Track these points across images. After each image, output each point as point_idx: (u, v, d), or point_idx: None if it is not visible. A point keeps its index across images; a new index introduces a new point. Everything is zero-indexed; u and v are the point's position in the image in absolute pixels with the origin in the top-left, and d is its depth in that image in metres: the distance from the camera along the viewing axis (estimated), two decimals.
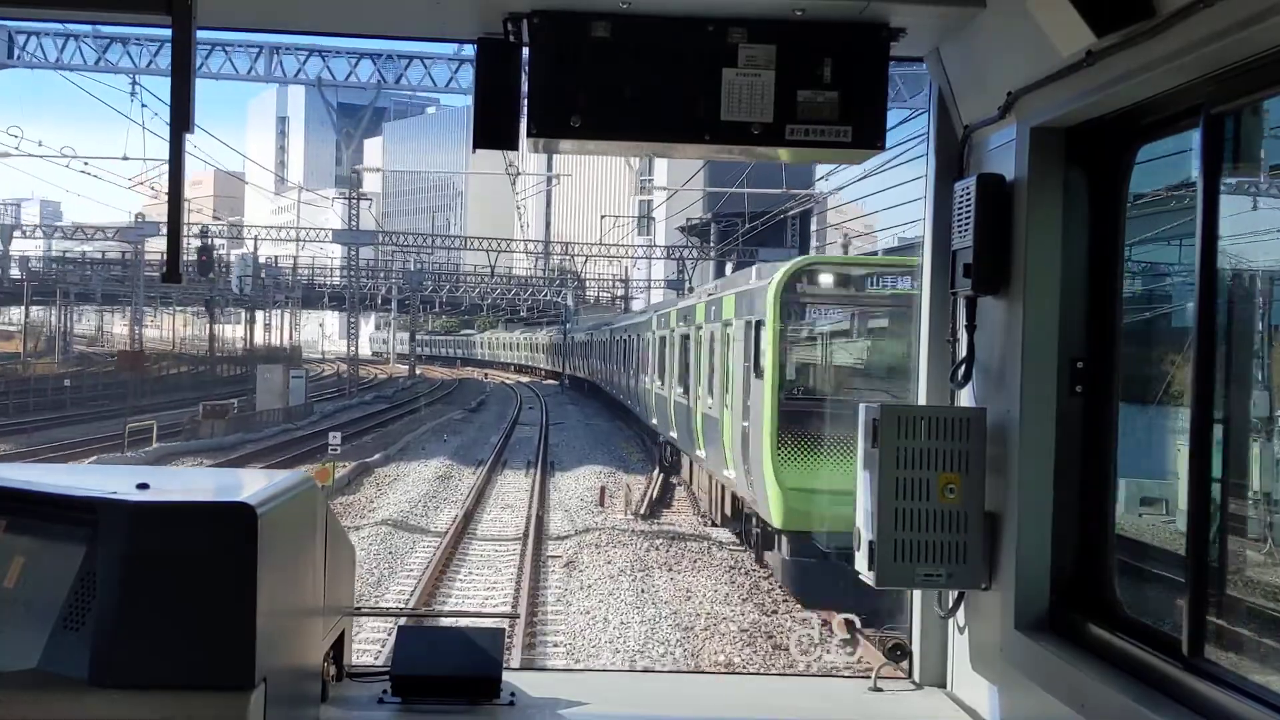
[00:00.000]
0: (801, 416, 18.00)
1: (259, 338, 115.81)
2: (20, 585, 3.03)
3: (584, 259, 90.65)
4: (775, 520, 18.04)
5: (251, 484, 3.59)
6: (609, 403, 60.19)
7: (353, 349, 78.66)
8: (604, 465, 36.37)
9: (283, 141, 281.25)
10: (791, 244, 62.06)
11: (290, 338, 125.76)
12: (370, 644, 15.38)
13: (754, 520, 20.53)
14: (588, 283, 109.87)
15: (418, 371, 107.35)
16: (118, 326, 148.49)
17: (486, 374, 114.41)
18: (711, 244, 77.03)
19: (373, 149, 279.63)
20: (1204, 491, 3.23)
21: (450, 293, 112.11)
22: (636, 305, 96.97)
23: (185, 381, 78.58)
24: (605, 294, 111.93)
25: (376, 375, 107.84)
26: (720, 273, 72.18)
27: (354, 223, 76.21)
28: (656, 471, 33.61)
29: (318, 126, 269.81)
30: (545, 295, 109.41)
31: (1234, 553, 3.48)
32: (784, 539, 18.19)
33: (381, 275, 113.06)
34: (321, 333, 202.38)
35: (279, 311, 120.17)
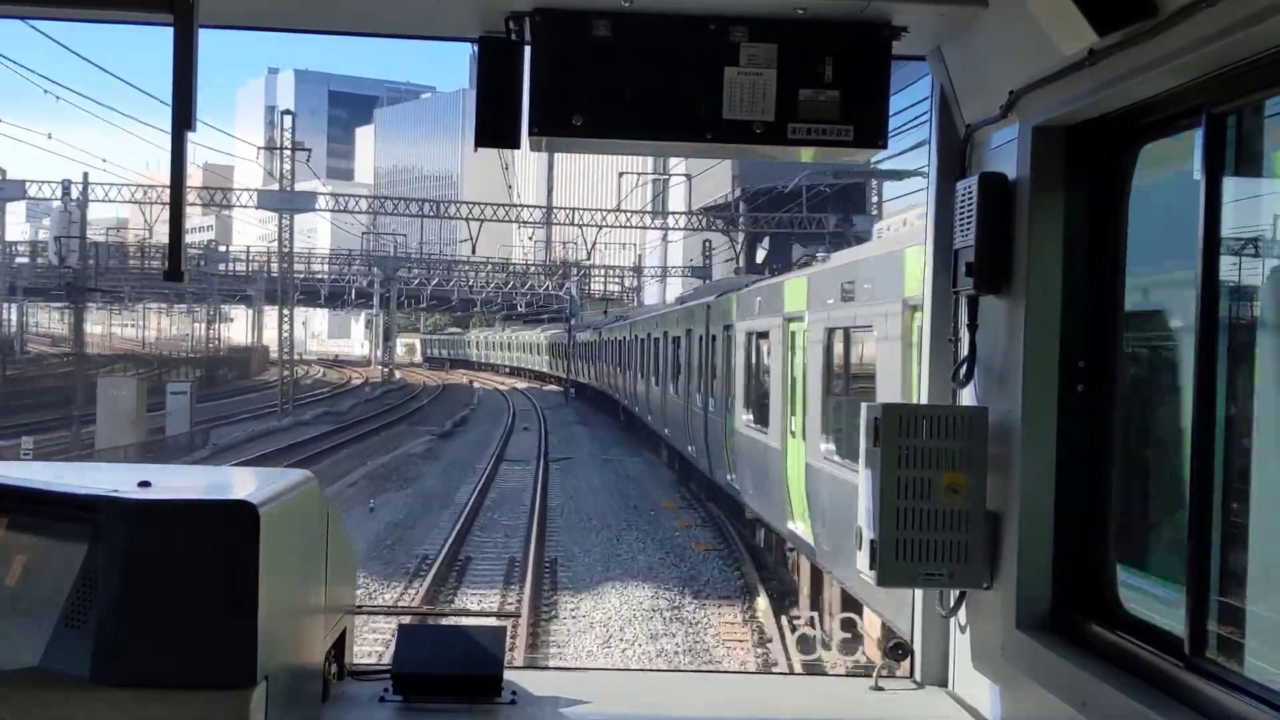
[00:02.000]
0: None
1: (201, 335, 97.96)
2: (22, 583, 3.03)
3: (596, 229, 70.52)
4: None
5: (253, 483, 3.59)
6: (628, 419, 46.11)
7: (288, 349, 59.86)
8: (655, 582, 19.73)
9: (272, 132, 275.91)
10: (873, 211, 56.02)
11: (255, 337, 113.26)
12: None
13: None
14: (595, 272, 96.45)
15: (397, 375, 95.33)
16: (102, 325, 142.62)
17: (473, 379, 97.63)
18: (741, 222, 66.07)
19: (364, 137, 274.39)
20: (1205, 490, 3.23)
21: (439, 286, 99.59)
22: (648, 299, 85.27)
23: (56, 396, 55.84)
24: (615, 283, 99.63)
25: (350, 379, 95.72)
26: (751, 255, 63.95)
27: (285, 182, 56.66)
28: (764, 604, 18.13)
29: (309, 116, 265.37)
30: (546, 288, 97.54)
31: (1235, 553, 3.48)
32: None
33: (356, 263, 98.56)
34: (306, 331, 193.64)
35: (238, 308, 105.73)
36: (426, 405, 64.34)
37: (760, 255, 65.01)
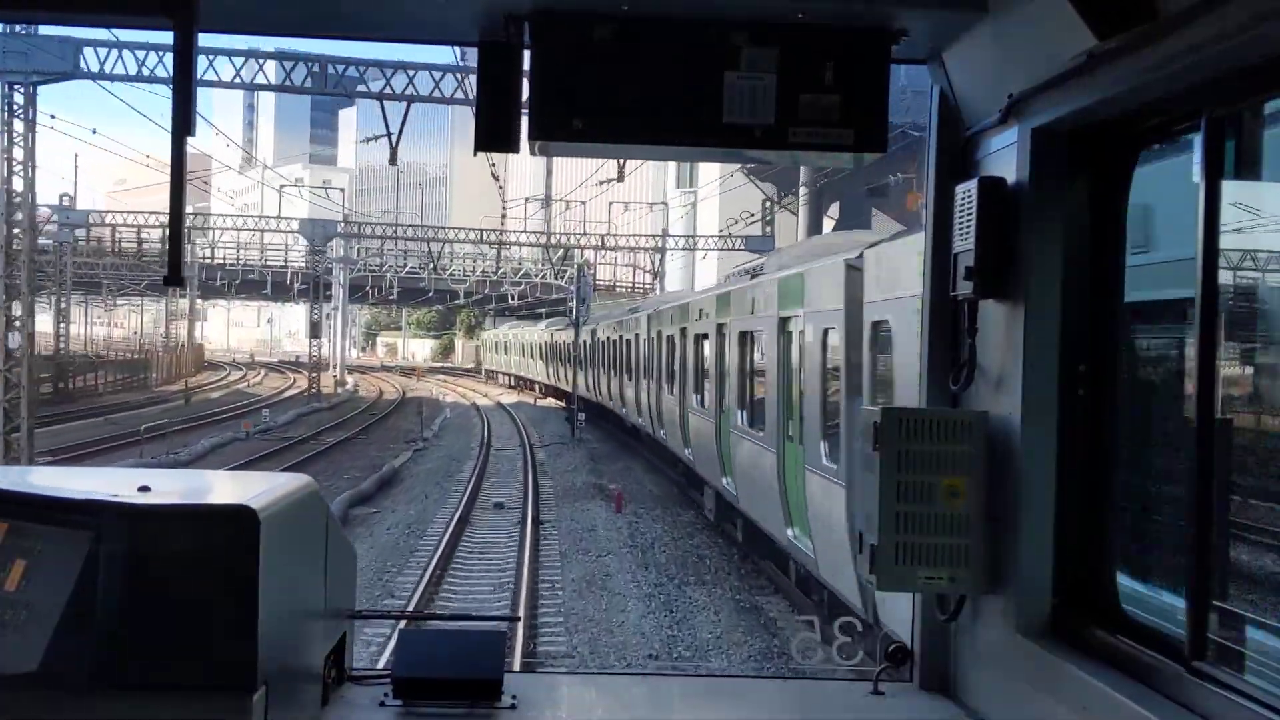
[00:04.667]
0: None
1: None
2: (22, 588, 3.03)
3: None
4: None
5: (253, 487, 3.59)
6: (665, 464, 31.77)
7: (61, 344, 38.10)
8: None
9: (250, 117, 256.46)
10: None
11: (182, 332, 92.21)
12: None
13: None
14: (606, 256, 76.44)
15: (348, 384, 78.39)
16: (54, 324, 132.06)
17: (445, 392, 76.89)
18: (802, 190, 50.07)
19: (347, 119, 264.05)
20: (1205, 493, 3.23)
21: (413, 273, 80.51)
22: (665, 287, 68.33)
23: None
24: (626, 267, 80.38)
25: (288, 388, 75.12)
26: (817, 223, 47.95)
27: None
28: None
29: (289, 106, 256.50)
30: (544, 275, 79.09)
31: (1236, 557, 3.48)
32: None
33: (271, 227, 74.20)
34: (274, 329, 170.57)
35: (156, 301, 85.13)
36: (345, 443, 41.00)
37: (829, 225, 50.47)
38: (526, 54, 3.98)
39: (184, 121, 3.30)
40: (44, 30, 33.05)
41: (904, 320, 12.21)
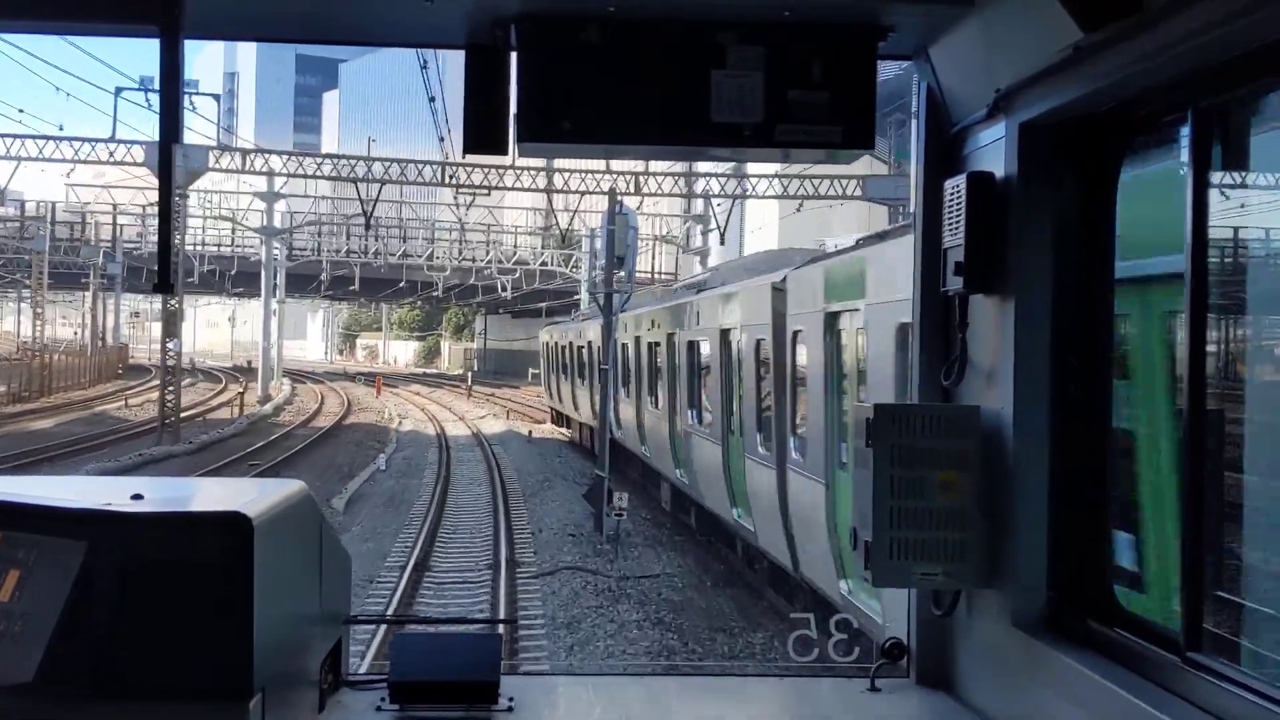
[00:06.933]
0: None
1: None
2: (15, 598, 3.03)
3: None
4: None
5: (247, 493, 3.59)
6: None
7: None
8: None
9: (232, 103, 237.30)
10: None
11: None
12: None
13: None
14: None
15: (275, 397, 59.97)
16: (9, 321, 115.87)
17: (405, 412, 57.44)
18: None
19: (331, 103, 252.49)
20: (1198, 485, 3.24)
21: (372, 260, 65.94)
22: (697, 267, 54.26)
23: None
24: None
25: (205, 401, 56.45)
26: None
27: None
28: None
29: (273, 85, 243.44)
30: (545, 256, 66.28)
31: (1229, 547, 3.49)
32: None
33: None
34: (232, 331, 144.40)
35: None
36: None
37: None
38: (513, 57, 3.99)
39: (171, 129, 3.30)
40: None
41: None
